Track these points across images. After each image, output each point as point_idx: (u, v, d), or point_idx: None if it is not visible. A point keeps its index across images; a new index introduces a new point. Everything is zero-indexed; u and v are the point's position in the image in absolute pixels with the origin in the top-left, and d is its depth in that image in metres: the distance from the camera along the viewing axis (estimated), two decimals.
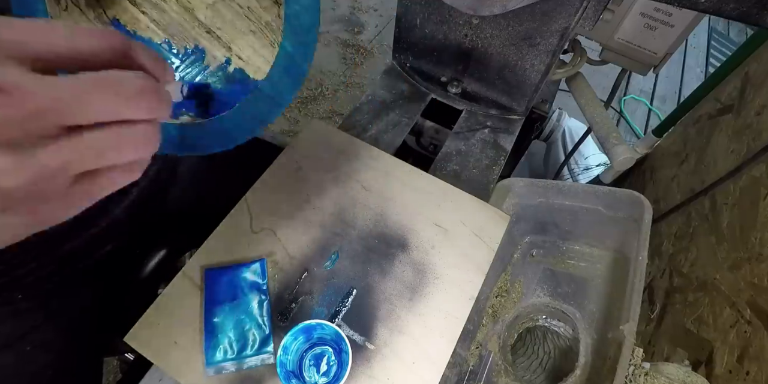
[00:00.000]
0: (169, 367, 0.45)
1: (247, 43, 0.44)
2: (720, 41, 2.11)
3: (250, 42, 0.44)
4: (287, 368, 0.42)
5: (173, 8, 0.43)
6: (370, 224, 0.55)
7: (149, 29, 0.43)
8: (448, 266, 0.53)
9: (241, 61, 0.44)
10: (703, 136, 0.90)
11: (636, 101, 1.85)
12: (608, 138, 0.85)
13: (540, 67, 0.64)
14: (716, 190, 0.76)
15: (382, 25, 1.98)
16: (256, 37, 0.44)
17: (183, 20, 0.43)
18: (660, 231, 0.92)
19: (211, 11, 0.43)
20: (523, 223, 0.64)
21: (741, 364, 0.54)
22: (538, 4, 0.54)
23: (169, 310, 0.48)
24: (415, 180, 0.58)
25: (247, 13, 0.43)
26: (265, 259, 0.51)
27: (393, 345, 0.48)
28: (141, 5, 0.42)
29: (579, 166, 1.31)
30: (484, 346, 0.60)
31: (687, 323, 0.68)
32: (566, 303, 0.61)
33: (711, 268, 0.69)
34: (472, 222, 0.55)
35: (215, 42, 0.44)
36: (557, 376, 0.57)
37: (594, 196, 0.59)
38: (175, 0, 0.42)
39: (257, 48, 0.44)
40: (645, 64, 0.80)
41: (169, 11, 0.43)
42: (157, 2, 0.42)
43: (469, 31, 0.65)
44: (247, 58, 0.44)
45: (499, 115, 0.77)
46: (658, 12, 0.70)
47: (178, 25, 0.43)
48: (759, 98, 0.74)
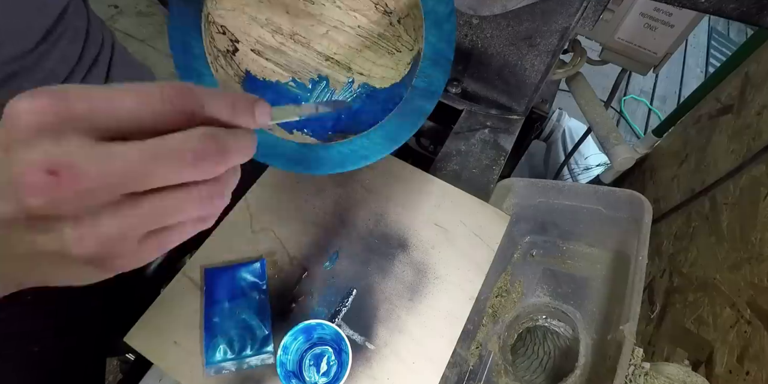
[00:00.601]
0: (169, 367, 0.45)
1: (364, 58, 0.47)
2: (720, 41, 2.11)
3: (367, 56, 0.47)
4: (287, 368, 0.42)
5: (291, 47, 0.46)
6: (370, 224, 0.55)
7: (275, 73, 0.46)
8: (448, 266, 0.53)
9: (363, 76, 0.47)
10: (703, 136, 0.90)
11: (636, 101, 1.85)
12: (608, 138, 0.85)
13: (540, 67, 0.64)
14: (716, 190, 0.76)
15: None
16: (372, 50, 0.47)
17: (302, 55, 0.46)
18: (660, 231, 0.92)
19: (326, 40, 0.46)
20: (523, 223, 0.64)
21: (741, 364, 0.54)
22: (538, 4, 0.54)
23: (169, 310, 0.48)
24: (415, 180, 0.58)
25: (359, 31, 0.46)
26: (264, 259, 0.51)
27: (393, 345, 0.48)
28: (264, 53, 0.45)
29: (579, 166, 1.31)
30: (484, 346, 0.60)
31: (687, 323, 0.68)
32: (566, 303, 0.61)
33: (711, 268, 0.69)
34: (472, 222, 0.55)
35: (335, 66, 0.47)
36: (557, 376, 0.57)
37: (594, 196, 0.59)
38: (292, 40, 0.46)
39: (375, 60, 0.47)
40: (645, 64, 0.80)
41: (289, 51, 0.46)
42: (277, 46, 0.45)
43: (469, 31, 0.65)
44: (369, 71, 0.47)
45: (499, 115, 0.77)
46: (658, 12, 0.70)
47: (299, 61, 0.46)
48: (759, 98, 0.74)
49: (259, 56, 0.45)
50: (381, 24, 0.45)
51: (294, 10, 0.45)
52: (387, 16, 0.44)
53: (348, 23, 0.45)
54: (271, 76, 0.46)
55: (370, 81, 0.47)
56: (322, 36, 0.46)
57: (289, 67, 0.46)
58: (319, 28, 0.46)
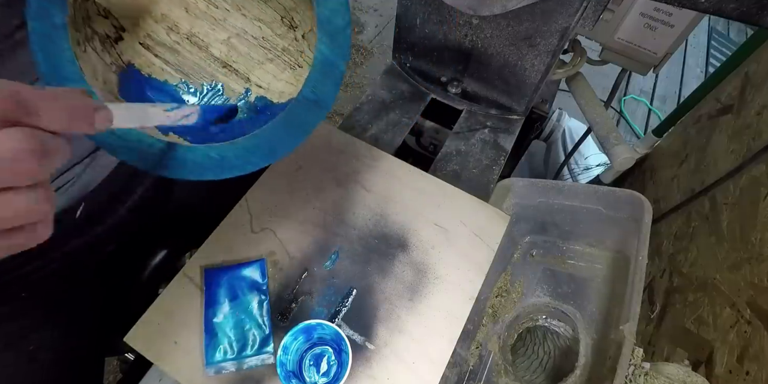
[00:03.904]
0: (169, 367, 0.45)
1: (265, 71, 0.44)
2: (720, 41, 2.11)
3: (268, 69, 0.44)
4: (287, 368, 0.42)
5: (186, 48, 0.43)
6: (370, 224, 0.55)
7: (164, 71, 0.43)
8: (448, 266, 0.53)
9: (261, 89, 0.44)
10: (703, 136, 0.90)
11: (636, 101, 1.85)
12: (608, 138, 0.85)
13: (540, 67, 0.64)
14: (716, 190, 0.76)
15: (382, 25, 1.98)
16: (274, 63, 0.44)
17: (198, 58, 0.43)
18: (660, 231, 0.92)
19: (226, 46, 0.44)
20: (523, 223, 0.64)
21: (741, 364, 0.54)
22: (538, 4, 0.54)
23: (169, 310, 0.48)
24: (415, 180, 0.58)
25: (262, 42, 0.44)
26: (265, 259, 0.51)
27: (393, 345, 0.48)
28: (154, 49, 0.42)
29: (579, 166, 1.31)
30: (484, 346, 0.60)
31: (687, 323, 0.68)
32: (566, 303, 0.61)
33: (711, 268, 0.69)
34: (472, 222, 0.55)
35: (233, 75, 0.44)
36: (557, 376, 0.57)
37: (594, 196, 0.59)
38: (188, 40, 0.43)
39: (276, 74, 0.44)
40: (645, 64, 0.80)
41: (183, 52, 0.43)
42: (170, 45, 0.42)
43: (469, 31, 0.65)
44: (267, 84, 0.44)
45: (499, 115, 0.77)
46: (658, 12, 0.70)
47: (193, 64, 0.43)
48: (759, 98, 0.74)
49: (148, 51, 0.41)
50: (286, 38, 0.43)
51: (195, 10, 0.42)
52: (292, 30, 0.43)
53: (252, 33, 0.43)
54: (159, 74, 0.42)
55: (268, 94, 0.44)
56: (222, 42, 0.43)
57: (181, 69, 0.43)
58: (220, 33, 0.43)
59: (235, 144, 0.35)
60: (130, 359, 0.68)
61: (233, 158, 0.35)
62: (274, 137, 0.36)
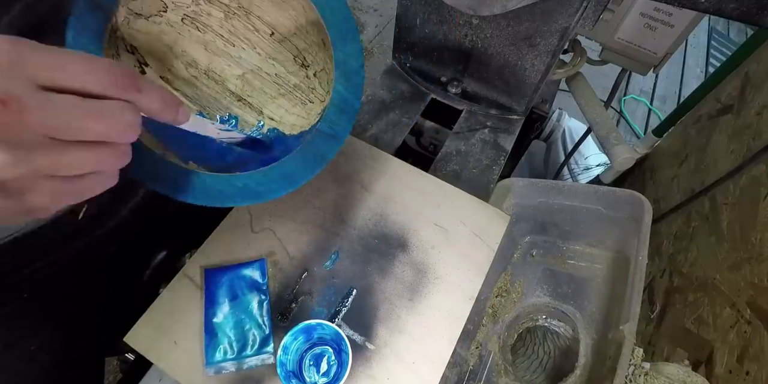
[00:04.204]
0: (169, 367, 0.45)
1: (278, 105, 0.47)
2: (720, 41, 2.11)
3: (281, 104, 0.47)
4: (287, 368, 0.42)
5: (204, 82, 0.45)
6: (370, 224, 0.55)
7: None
8: (448, 266, 0.53)
9: (273, 121, 0.47)
10: (703, 136, 0.90)
11: (636, 101, 1.85)
12: (608, 138, 0.85)
13: (540, 67, 0.64)
14: (716, 190, 0.76)
15: (382, 25, 1.98)
16: (286, 98, 0.47)
17: (215, 92, 0.46)
18: (660, 231, 0.92)
19: (241, 81, 0.46)
20: (523, 223, 0.64)
21: (741, 364, 0.54)
22: (538, 4, 0.54)
23: (169, 310, 0.48)
24: (415, 180, 0.58)
25: (275, 79, 0.46)
26: (265, 259, 0.51)
27: (393, 345, 0.48)
28: (174, 82, 0.44)
29: (579, 166, 1.31)
30: (484, 346, 0.60)
31: (687, 323, 0.68)
32: (566, 303, 0.61)
33: (711, 268, 0.69)
34: (472, 222, 0.55)
35: (247, 108, 0.47)
36: (557, 376, 0.57)
37: (594, 196, 0.59)
38: (205, 75, 0.45)
39: (288, 108, 0.47)
40: (645, 64, 0.80)
41: (201, 86, 0.45)
42: (189, 79, 0.45)
43: (469, 31, 0.65)
44: (280, 118, 0.47)
45: (499, 115, 0.77)
46: (658, 12, 0.70)
47: (210, 97, 0.46)
48: (759, 98, 0.74)
49: (168, 84, 0.44)
50: (298, 75, 0.46)
51: (213, 47, 0.45)
52: (304, 68, 0.45)
53: (265, 69, 0.46)
54: None
55: (280, 127, 0.47)
56: (237, 77, 0.46)
57: (199, 101, 0.45)
58: (235, 69, 0.46)
59: (257, 173, 0.38)
60: (130, 359, 0.68)
61: (255, 186, 0.37)
62: (293, 167, 0.38)
